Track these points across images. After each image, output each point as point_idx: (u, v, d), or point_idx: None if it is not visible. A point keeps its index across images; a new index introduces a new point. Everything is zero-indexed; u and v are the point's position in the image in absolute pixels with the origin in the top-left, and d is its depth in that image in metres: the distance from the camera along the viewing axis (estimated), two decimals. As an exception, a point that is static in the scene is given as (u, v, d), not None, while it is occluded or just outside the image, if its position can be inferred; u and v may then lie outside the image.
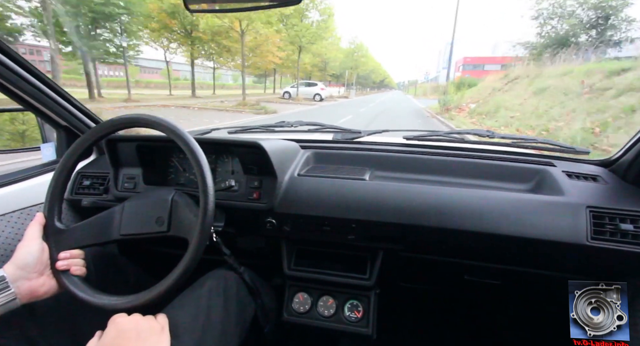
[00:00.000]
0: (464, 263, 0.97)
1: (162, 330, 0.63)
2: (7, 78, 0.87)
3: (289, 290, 1.06)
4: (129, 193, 1.00)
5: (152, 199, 0.78)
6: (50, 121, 1.09)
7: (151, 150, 1.01)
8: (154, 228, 0.75)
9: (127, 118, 0.75)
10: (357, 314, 1.00)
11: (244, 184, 0.99)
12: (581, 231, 0.79)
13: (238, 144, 0.95)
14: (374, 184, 0.97)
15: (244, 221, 1.01)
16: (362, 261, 1.03)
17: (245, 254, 0.95)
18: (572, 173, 0.98)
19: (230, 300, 0.82)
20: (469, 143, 1.24)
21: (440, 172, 1.08)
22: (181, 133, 0.72)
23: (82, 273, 0.72)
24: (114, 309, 0.65)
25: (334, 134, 1.32)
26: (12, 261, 0.66)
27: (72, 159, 0.76)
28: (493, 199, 0.88)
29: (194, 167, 0.70)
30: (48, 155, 1.13)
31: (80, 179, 1.13)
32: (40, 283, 0.67)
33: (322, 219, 0.95)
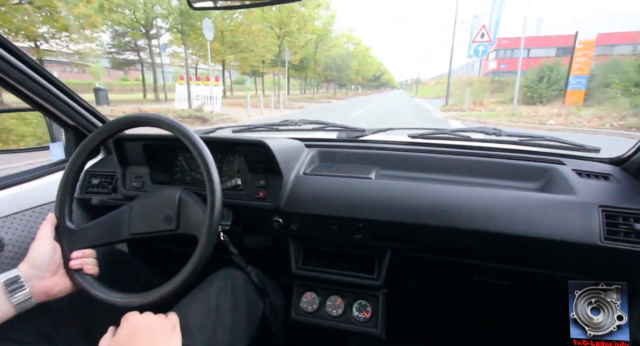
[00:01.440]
0: (472, 263, 0.96)
1: (174, 328, 0.65)
2: (16, 78, 0.89)
3: (297, 289, 1.06)
4: (137, 192, 1.01)
5: (159, 198, 0.79)
6: (59, 121, 1.11)
7: (158, 149, 1.02)
8: (163, 226, 0.76)
9: (133, 117, 0.75)
10: (365, 314, 1.00)
11: (250, 183, 0.99)
12: (594, 231, 0.78)
13: (243, 143, 0.95)
14: (380, 183, 0.96)
15: (250, 220, 1.01)
16: (370, 261, 1.02)
17: (253, 253, 0.96)
18: (582, 171, 0.96)
19: (239, 299, 0.83)
20: (475, 141, 1.22)
21: (446, 170, 1.07)
22: (187, 132, 0.72)
23: (95, 272, 0.74)
24: (127, 307, 0.67)
25: (338, 132, 1.32)
26: (26, 260, 0.67)
27: (80, 159, 0.77)
28: (501, 198, 0.87)
29: (200, 166, 0.71)
30: (57, 154, 1.16)
31: (89, 178, 1.14)
32: (54, 282, 0.69)
33: (329, 219, 0.95)
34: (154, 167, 1.03)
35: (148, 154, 1.01)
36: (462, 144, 1.20)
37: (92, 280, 0.72)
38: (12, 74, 0.87)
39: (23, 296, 0.64)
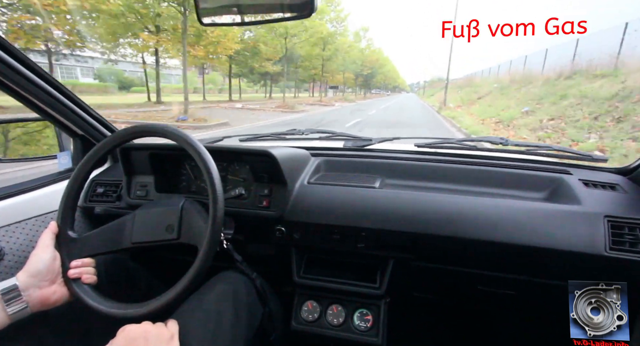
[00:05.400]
0: (476, 272, 0.95)
1: (172, 338, 0.63)
2: (27, 89, 0.91)
3: (298, 298, 1.05)
4: (141, 201, 1.02)
5: (162, 207, 0.80)
6: (67, 130, 1.13)
7: (163, 158, 1.03)
8: (164, 236, 0.76)
9: (141, 127, 0.77)
10: (366, 323, 0.98)
11: (254, 191, 0.99)
12: (599, 242, 0.78)
13: (249, 152, 0.96)
14: (385, 192, 0.97)
15: (253, 228, 1.02)
16: (372, 270, 1.01)
17: (254, 261, 0.96)
18: (589, 181, 0.96)
19: (240, 304, 0.81)
20: (481, 150, 1.22)
21: (452, 180, 1.07)
22: (192, 142, 0.74)
23: (93, 281, 0.74)
24: (124, 317, 0.67)
25: (344, 141, 1.33)
26: (25, 269, 0.67)
27: (86, 168, 0.78)
28: (507, 208, 0.86)
29: (204, 176, 0.72)
30: (64, 163, 1.17)
31: (94, 186, 1.15)
32: (51, 291, 0.69)
33: (331, 228, 0.95)
34: (159, 176, 1.04)
35: (154, 163, 1.02)
36: (468, 154, 1.20)
37: (90, 290, 0.72)
38: (24, 84, 0.89)
39: (19, 306, 0.64)
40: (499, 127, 9.30)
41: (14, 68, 0.84)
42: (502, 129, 9.03)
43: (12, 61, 0.83)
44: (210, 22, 0.93)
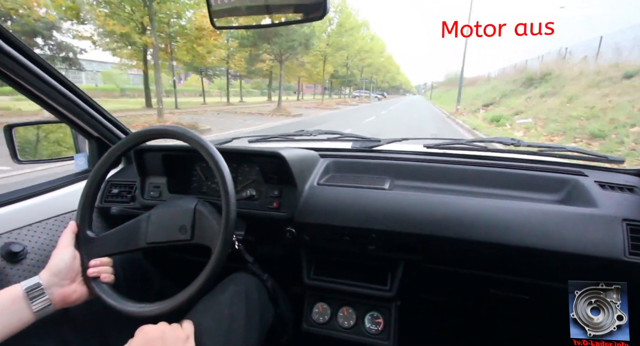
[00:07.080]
0: (489, 275, 0.94)
1: (188, 339, 0.65)
2: (46, 92, 0.93)
3: (309, 300, 1.05)
4: (154, 201, 1.03)
5: (175, 208, 0.81)
6: (83, 132, 1.16)
7: (176, 160, 1.05)
8: (177, 237, 0.78)
9: (154, 130, 0.79)
10: (377, 326, 0.98)
11: (264, 193, 1.00)
12: (617, 246, 0.76)
13: (259, 153, 0.97)
14: (394, 194, 0.96)
15: (264, 229, 1.02)
16: (382, 272, 1.01)
17: (265, 263, 0.98)
18: (605, 183, 0.93)
19: (253, 305, 0.82)
20: (492, 151, 1.19)
21: (462, 181, 1.05)
22: (205, 144, 0.75)
23: (111, 280, 0.76)
24: (141, 316, 0.69)
25: (353, 142, 1.32)
26: (47, 267, 0.69)
27: (103, 169, 0.80)
28: (519, 210, 0.85)
29: (216, 177, 0.74)
30: (81, 165, 1.20)
31: (110, 187, 1.18)
32: (72, 289, 0.71)
33: (341, 229, 0.94)
34: (172, 177, 1.06)
35: (166, 164, 1.04)
36: (479, 155, 1.19)
37: (108, 288, 0.74)
38: (42, 88, 0.91)
39: (43, 303, 0.66)
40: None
41: (34, 73, 0.87)
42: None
43: (32, 65, 0.85)
44: (223, 25, 0.94)
